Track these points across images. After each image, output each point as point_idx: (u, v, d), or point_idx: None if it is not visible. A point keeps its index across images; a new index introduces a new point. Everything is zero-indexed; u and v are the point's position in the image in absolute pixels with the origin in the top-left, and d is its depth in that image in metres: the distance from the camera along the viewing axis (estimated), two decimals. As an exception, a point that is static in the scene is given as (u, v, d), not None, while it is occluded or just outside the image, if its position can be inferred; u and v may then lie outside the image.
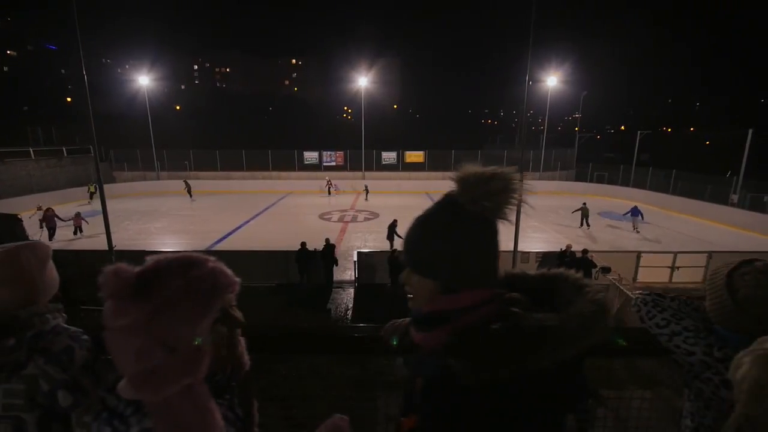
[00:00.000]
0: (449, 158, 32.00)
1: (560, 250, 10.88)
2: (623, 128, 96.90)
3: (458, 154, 31.76)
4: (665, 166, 26.48)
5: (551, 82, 31.14)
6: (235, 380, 0.88)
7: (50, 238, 14.70)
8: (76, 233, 15.73)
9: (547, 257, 11.42)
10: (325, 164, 33.12)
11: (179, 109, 73.46)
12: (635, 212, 17.60)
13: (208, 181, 30.10)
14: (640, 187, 26.61)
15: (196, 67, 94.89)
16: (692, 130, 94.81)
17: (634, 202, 21.43)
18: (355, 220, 19.82)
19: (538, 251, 12.23)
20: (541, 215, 19.54)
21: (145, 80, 32.14)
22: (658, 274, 11.31)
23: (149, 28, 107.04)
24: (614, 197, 26.56)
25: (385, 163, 33.14)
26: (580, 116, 38.90)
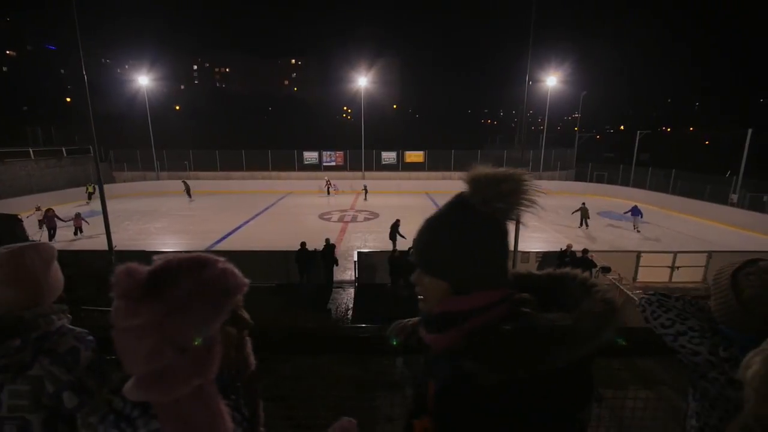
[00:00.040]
0: (449, 158, 32.07)
1: (560, 249, 10.89)
2: (623, 128, 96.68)
3: (458, 154, 31.86)
4: (665, 165, 26.47)
5: (551, 82, 31.10)
6: (240, 380, 0.88)
7: (50, 238, 14.68)
8: (76, 234, 15.72)
9: (547, 257, 11.43)
10: (324, 164, 33.11)
11: (179, 109, 73.29)
12: (635, 212, 17.63)
13: (207, 181, 30.07)
14: (639, 186, 26.62)
15: (195, 67, 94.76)
16: (692, 129, 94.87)
17: (633, 201, 21.41)
18: (355, 220, 19.80)
19: (538, 251, 12.23)
20: (540, 215, 19.44)
21: (144, 80, 32.07)
22: (658, 273, 11.33)
23: (149, 28, 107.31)
24: (614, 197, 26.57)
25: (384, 163, 33.13)
26: (579, 116, 38.79)
